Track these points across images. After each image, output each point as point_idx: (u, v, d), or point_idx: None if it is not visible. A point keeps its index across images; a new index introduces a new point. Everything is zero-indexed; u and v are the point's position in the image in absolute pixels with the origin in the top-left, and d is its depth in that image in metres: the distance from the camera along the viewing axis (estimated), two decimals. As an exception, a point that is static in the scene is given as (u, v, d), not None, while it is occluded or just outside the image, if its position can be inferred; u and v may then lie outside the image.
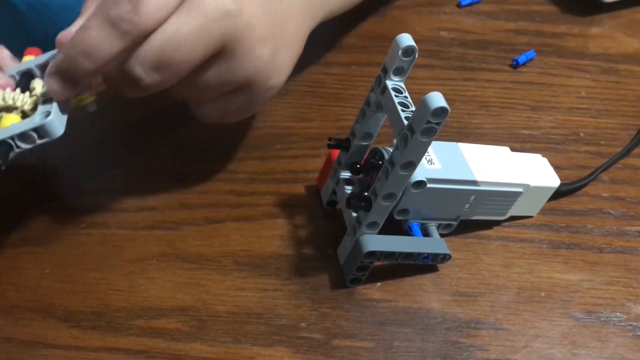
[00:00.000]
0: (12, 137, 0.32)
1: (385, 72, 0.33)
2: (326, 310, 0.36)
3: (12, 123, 0.33)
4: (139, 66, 0.33)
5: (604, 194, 0.43)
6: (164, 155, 0.44)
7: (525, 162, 0.40)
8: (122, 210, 0.40)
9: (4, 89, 0.35)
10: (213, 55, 0.34)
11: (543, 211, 0.41)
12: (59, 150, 0.42)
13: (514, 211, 0.40)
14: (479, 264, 0.39)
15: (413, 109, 0.32)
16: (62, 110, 0.34)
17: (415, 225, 0.37)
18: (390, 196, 0.32)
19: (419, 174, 0.34)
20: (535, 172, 0.39)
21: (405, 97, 0.33)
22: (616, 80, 0.51)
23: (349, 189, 0.37)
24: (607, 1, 0.55)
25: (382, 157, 0.35)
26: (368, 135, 0.36)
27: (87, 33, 0.32)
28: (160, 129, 0.45)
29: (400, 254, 0.35)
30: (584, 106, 0.48)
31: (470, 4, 0.56)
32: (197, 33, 0.33)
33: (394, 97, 0.32)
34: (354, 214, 0.35)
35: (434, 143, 0.32)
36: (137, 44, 0.32)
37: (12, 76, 0.37)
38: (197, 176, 0.42)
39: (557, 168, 0.42)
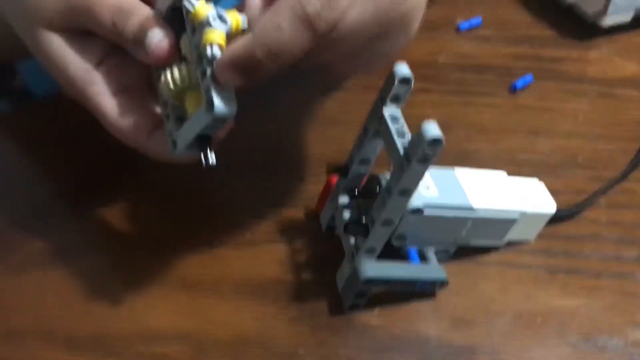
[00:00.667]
0: (205, 129, 0.31)
1: (382, 100, 0.34)
2: (324, 337, 0.36)
3: (193, 107, 0.32)
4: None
5: (602, 219, 0.43)
6: (166, 177, 0.44)
7: (521, 187, 0.40)
8: (121, 236, 0.41)
9: (164, 54, 0.33)
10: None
11: (541, 236, 0.41)
12: (58, 179, 0.43)
13: (511, 236, 0.40)
14: (476, 289, 0.39)
15: (409, 137, 0.33)
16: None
17: (413, 251, 0.37)
18: (388, 222, 0.33)
19: (416, 201, 0.34)
20: (531, 197, 0.40)
21: (402, 124, 0.33)
22: (613, 105, 0.51)
23: (347, 214, 0.37)
24: (605, 25, 0.56)
25: (379, 184, 0.35)
26: (366, 161, 0.36)
27: (280, 34, 0.29)
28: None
29: (398, 280, 0.35)
30: (581, 130, 0.49)
31: (469, 29, 0.57)
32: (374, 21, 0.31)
33: (390, 125, 0.33)
34: (353, 240, 0.36)
35: (431, 169, 0.32)
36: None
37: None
38: (196, 202, 0.43)
39: (554, 192, 0.42)
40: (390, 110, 0.34)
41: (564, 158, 0.47)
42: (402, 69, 0.33)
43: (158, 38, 0.33)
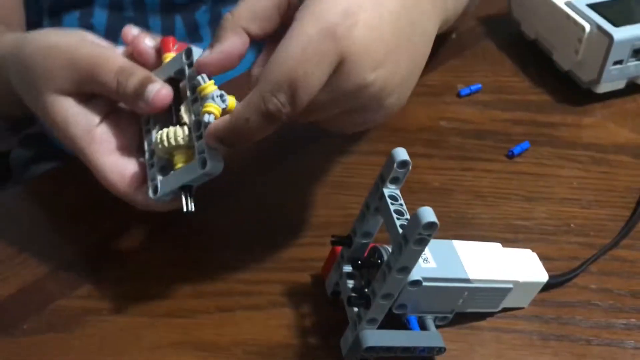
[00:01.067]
0: (192, 181, 0.38)
1: (382, 181, 0.37)
2: (328, 401, 0.38)
3: (182, 162, 0.39)
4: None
5: (592, 286, 0.45)
6: (180, 242, 0.47)
7: (515, 257, 0.42)
8: (141, 297, 0.43)
9: (164, 103, 0.40)
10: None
11: (534, 302, 0.44)
12: (78, 238, 0.46)
13: (505, 304, 0.42)
14: (472, 354, 0.41)
15: (407, 216, 0.35)
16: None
17: (413, 318, 0.39)
18: (387, 296, 0.35)
19: (415, 274, 0.36)
20: (524, 267, 0.42)
21: (401, 204, 0.36)
22: (606, 171, 0.54)
23: (351, 282, 0.40)
24: (600, 91, 0.59)
25: (380, 256, 0.38)
26: (368, 234, 0.39)
27: (247, 125, 0.36)
28: (176, 217, 0.49)
29: (398, 348, 0.38)
30: (575, 197, 0.51)
31: (469, 94, 0.60)
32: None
33: (390, 205, 0.36)
34: (355, 309, 0.38)
35: (430, 241, 0.34)
36: None
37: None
38: (209, 264, 0.45)
39: (548, 259, 0.44)
40: (389, 191, 0.36)
41: (558, 224, 0.49)
42: (401, 153, 0.36)
43: (157, 88, 0.40)
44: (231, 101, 0.38)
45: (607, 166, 0.54)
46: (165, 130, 0.40)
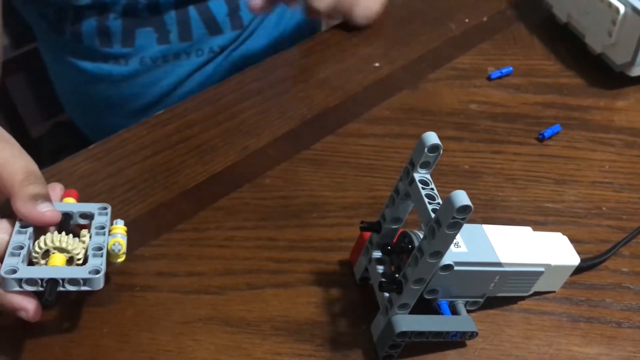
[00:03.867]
0: (63, 278, 0.37)
1: (412, 165, 0.37)
2: (357, 377, 0.39)
3: (59, 263, 0.38)
4: None
5: (624, 269, 0.45)
6: (210, 222, 0.48)
7: (546, 241, 0.42)
8: (173, 274, 0.44)
9: (50, 221, 0.39)
10: None
11: (564, 284, 0.43)
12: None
13: (537, 288, 0.42)
14: (500, 335, 0.41)
15: (439, 200, 0.35)
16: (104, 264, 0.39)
17: (444, 303, 0.40)
18: (420, 281, 0.36)
19: (446, 258, 0.36)
20: (556, 251, 0.42)
21: (432, 189, 0.36)
22: (639, 155, 0.53)
23: (380, 268, 0.40)
24: (634, 75, 0.58)
25: (411, 241, 0.38)
26: (398, 220, 0.39)
27: None
28: (208, 197, 0.49)
29: (430, 332, 0.38)
30: (607, 180, 0.51)
31: (499, 77, 0.59)
32: None
33: (421, 190, 0.35)
34: (387, 295, 0.38)
35: (460, 226, 0.34)
36: None
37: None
38: (239, 243, 0.46)
39: (578, 242, 0.44)
40: (420, 175, 0.36)
41: (589, 207, 0.49)
42: (431, 137, 0.35)
43: (50, 208, 0.40)
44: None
45: (640, 150, 0.53)
46: (53, 234, 0.39)
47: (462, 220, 0.32)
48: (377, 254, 0.40)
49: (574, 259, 0.42)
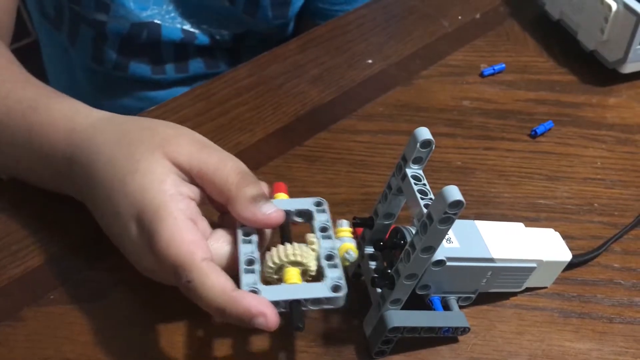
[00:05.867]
0: (306, 299, 0.34)
1: (405, 161, 0.37)
2: (349, 372, 0.39)
3: (296, 279, 0.35)
4: None
5: (615, 265, 0.45)
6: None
7: (538, 237, 0.42)
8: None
9: (276, 222, 0.37)
10: None
11: (556, 280, 0.44)
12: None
13: (529, 283, 0.42)
14: (493, 331, 0.41)
15: (431, 196, 0.35)
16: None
17: (436, 299, 0.40)
18: (412, 276, 0.36)
19: (439, 254, 0.36)
20: (547, 247, 0.42)
21: (424, 184, 0.36)
22: (631, 151, 0.53)
23: (373, 264, 0.40)
24: (626, 72, 0.58)
25: (403, 237, 0.38)
26: (390, 216, 0.39)
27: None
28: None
29: (422, 328, 0.38)
30: (599, 176, 0.51)
31: (492, 74, 0.59)
32: None
33: (413, 185, 0.36)
34: (379, 290, 0.38)
35: (452, 222, 0.35)
36: None
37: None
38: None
39: (570, 238, 0.44)
40: (412, 171, 0.36)
41: (581, 204, 0.49)
42: (423, 133, 0.35)
43: (274, 208, 0.37)
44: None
45: (633, 146, 0.54)
46: (285, 246, 0.37)
47: (454, 216, 0.32)
48: (369, 249, 0.40)
49: (565, 255, 0.42)
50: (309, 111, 0.56)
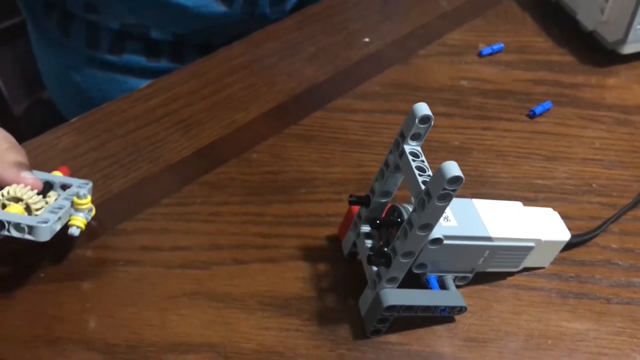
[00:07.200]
0: (8, 221, 0.37)
1: (403, 137, 0.36)
2: (343, 352, 0.38)
3: (14, 212, 0.39)
4: None
5: (614, 245, 0.45)
6: (196, 197, 0.47)
7: (536, 216, 0.42)
8: (157, 249, 0.43)
9: (32, 187, 0.40)
10: None
11: (554, 260, 0.43)
12: (94, 190, 0.45)
13: (526, 263, 0.42)
14: (490, 310, 0.41)
15: (430, 172, 0.35)
16: (58, 223, 0.39)
17: (432, 278, 0.39)
18: (409, 254, 0.35)
19: (436, 232, 0.36)
20: (546, 226, 0.41)
21: (422, 161, 0.35)
22: (630, 132, 0.53)
23: (369, 242, 0.39)
24: (625, 52, 0.57)
25: (400, 215, 0.37)
26: (387, 194, 0.38)
27: None
28: (193, 172, 0.48)
29: (419, 307, 0.37)
30: (597, 157, 0.50)
31: (490, 54, 0.58)
32: None
33: (411, 162, 0.35)
34: (375, 268, 0.38)
35: (450, 200, 0.34)
36: None
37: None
38: (226, 218, 0.45)
39: (568, 218, 0.44)
40: (410, 147, 0.36)
41: (579, 184, 0.48)
42: (422, 108, 0.35)
43: (32, 177, 0.41)
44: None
45: (631, 127, 0.53)
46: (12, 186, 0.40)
47: (452, 192, 0.32)
48: (365, 228, 0.40)
49: (564, 235, 0.42)
50: (305, 90, 0.55)
